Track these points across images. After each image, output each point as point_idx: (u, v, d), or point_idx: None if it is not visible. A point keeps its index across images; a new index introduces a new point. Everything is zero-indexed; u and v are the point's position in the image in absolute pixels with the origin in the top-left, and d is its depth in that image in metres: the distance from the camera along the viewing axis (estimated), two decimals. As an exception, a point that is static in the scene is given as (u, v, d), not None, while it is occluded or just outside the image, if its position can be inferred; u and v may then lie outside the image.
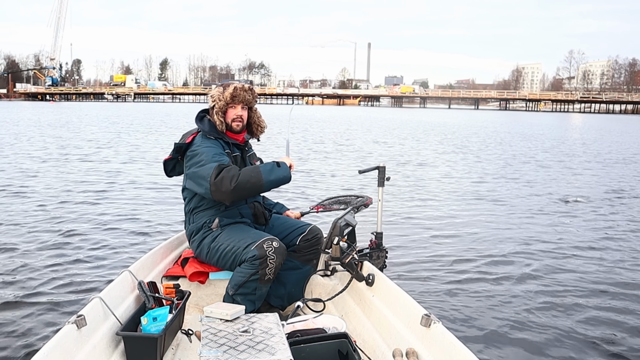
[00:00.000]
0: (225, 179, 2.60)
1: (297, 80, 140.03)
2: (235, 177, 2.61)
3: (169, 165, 2.98)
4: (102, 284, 3.87)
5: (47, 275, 4.15)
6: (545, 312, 3.58)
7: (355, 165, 11.71)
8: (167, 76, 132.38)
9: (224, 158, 2.73)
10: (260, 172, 2.68)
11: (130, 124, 27.18)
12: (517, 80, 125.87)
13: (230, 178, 2.60)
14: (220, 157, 2.72)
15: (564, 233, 5.73)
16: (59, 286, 3.92)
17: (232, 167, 2.67)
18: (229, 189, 2.60)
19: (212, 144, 2.78)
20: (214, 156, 2.70)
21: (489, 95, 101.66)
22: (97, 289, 3.72)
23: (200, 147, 2.76)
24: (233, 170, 2.65)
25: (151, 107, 64.36)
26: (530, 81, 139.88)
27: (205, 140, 2.79)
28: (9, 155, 12.35)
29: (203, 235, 2.84)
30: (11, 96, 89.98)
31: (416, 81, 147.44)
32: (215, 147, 2.77)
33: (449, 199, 7.63)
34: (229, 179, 2.60)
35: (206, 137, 2.81)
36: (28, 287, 3.90)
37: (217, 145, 2.79)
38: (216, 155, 2.71)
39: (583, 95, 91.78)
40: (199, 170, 2.69)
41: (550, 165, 12.44)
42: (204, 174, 2.65)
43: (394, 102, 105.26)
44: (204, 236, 2.84)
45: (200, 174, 2.68)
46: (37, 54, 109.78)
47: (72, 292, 3.82)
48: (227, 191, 2.61)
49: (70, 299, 3.67)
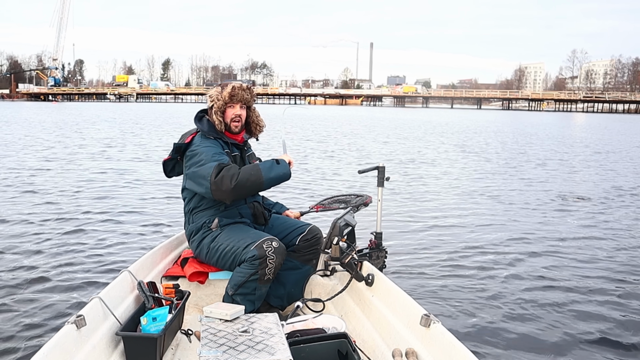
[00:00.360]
0: (225, 177, 2.60)
1: (299, 80, 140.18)
2: (235, 175, 2.61)
3: (168, 166, 2.98)
4: (101, 284, 3.87)
5: (46, 275, 4.16)
6: (545, 312, 3.57)
7: (356, 163, 11.71)
8: (170, 76, 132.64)
9: (224, 157, 2.73)
10: (259, 169, 2.69)
11: (136, 123, 27.27)
12: (519, 80, 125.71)
13: (231, 177, 2.60)
14: (220, 157, 2.72)
15: (566, 233, 5.72)
16: (58, 286, 3.93)
17: (232, 166, 2.68)
18: (229, 188, 2.60)
19: (212, 144, 2.78)
20: (214, 155, 2.70)
21: (491, 95, 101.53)
22: (96, 289, 3.72)
23: (199, 146, 2.77)
24: (233, 169, 2.65)
25: (154, 107, 64.46)
26: (533, 81, 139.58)
27: (205, 140, 2.80)
28: (12, 155, 12.38)
29: (202, 235, 2.84)
30: (14, 96, 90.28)
31: (419, 81, 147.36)
32: (215, 146, 2.78)
33: (449, 199, 7.62)
34: (229, 178, 2.60)
35: (205, 137, 2.82)
36: (27, 287, 3.91)
37: (217, 144, 2.80)
38: (216, 154, 2.72)
39: (586, 94, 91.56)
40: (199, 170, 2.69)
41: (547, 164, 12.42)
42: (204, 174, 2.66)
43: (397, 102, 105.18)
44: (204, 236, 2.84)
45: (200, 173, 2.69)
46: (39, 55, 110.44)
47: (71, 292, 3.82)
48: (227, 190, 2.61)
49: (69, 299, 3.68)
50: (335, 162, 12.21)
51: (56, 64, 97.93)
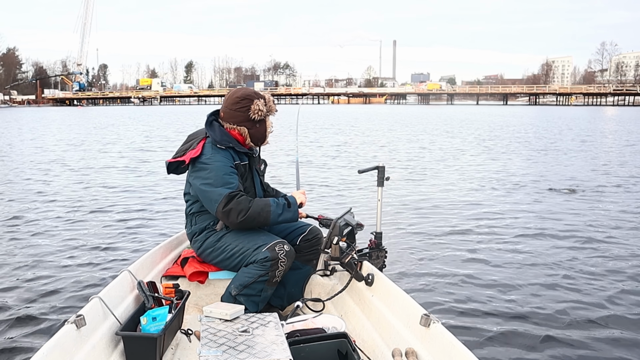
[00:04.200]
0: (233, 211, 2.63)
1: (322, 80, 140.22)
2: (243, 211, 2.63)
3: (172, 166, 2.93)
4: (101, 283, 3.90)
5: (46, 275, 4.22)
6: (544, 312, 3.48)
7: (357, 164, 11.60)
8: (193, 78, 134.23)
9: (233, 179, 2.69)
10: (269, 212, 2.70)
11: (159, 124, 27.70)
12: (547, 75, 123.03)
13: (239, 212, 2.63)
14: (230, 177, 2.68)
15: (566, 233, 5.50)
16: (58, 286, 3.97)
17: (241, 200, 2.65)
18: (235, 222, 2.65)
19: (223, 157, 2.72)
20: (224, 176, 2.67)
21: (517, 90, 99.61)
22: (96, 288, 3.75)
23: (210, 160, 2.71)
24: (243, 203, 2.65)
25: (177, 109, 65.34)
26: (561, 75, 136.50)
27: (215, 153, 2.73)
28: (17, 159, 12.72)
29: (207, 235, 2.84)
30: (40, 102, 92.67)
31: (443, 78, 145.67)
32: (226, 160, 2.72)
33: (449, 199, 7.42)
34: (236, 213, 2.63)
35: (216, 147, 2.75)
36: (27, 287, 3.96)
37: (228, 157, 2.74)
38: (226, 174, 2.68)
39: (616, 87, 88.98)
40: (208, 192, 2.67)
41: (549, 159, 12.12)
42: (213, 198, 2.66)
43: (421, 100, 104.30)
44: (208, 236, 2.83)
45: (209, 196, 2.67)
46: (64, 60, 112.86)
47: (71, 291, 3.87)
48: (233, 223, 2.67)
49: (69, 299, 3.72)
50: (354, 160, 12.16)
51: (80, 69, 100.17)
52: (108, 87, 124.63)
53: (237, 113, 2.79)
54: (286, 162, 11.41)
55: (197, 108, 72.00)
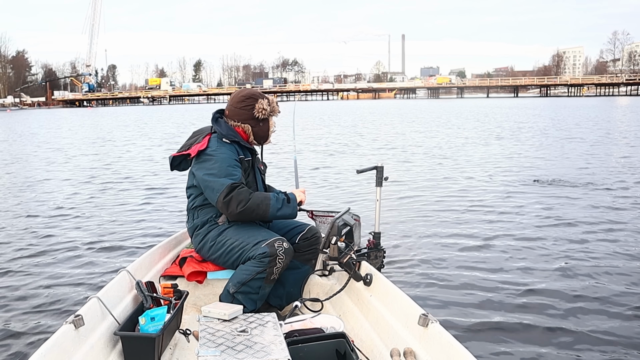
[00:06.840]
0: (233, 200, 2.67)
1: (331, 76, 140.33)
2: (244, 201, 2.67)
3: (176, 161, 2.95)
4: (100, 283, 3.91)
5: (44, 275, 4.24)
6: (544, 312, 3.44)
7: (358, 162, 11.55)
8: (201, 77, 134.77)
9: (237, 171, 2.75)
10: (269, 205, 2.73)
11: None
12: (557, 66, 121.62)
13: (239, 202, 2.67)
14: (233, 169, 2.74)
15: (566, 233, 5.38)
16: (56, 286, 4.00)
17: (243, 190, 2.70)
18: (234, 212, 2.68)
19: (228, 150, 2.79)
20: (228, 168, 2.72)
21: (528, 82, 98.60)
22: (94, 288, 3.77)
23: (216, 152, 2.77)
24: (244, 193, 2.69)
25: (187, 108, 65.61)
26: (572, 65, 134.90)
27: (221, 146, 2.80)
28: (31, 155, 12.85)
29: (209, 229, 2.84)
30: (50, 104, 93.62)
31: (453, 71, 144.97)
32: (230, 154, 2.78)
33: (448, 199, 7.31)
34: (237, 202, 2.67)
35: (222, 141, 2.82)
36: (26, 287, 3.99)
37: (232, 150, 2.80)
38: (230, 167, 2.73)
39: (629, 77, 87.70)
40: (211, 182, 2.71)
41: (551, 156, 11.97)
42: (215, 187, 2.70)
43: (431, 94, 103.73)
44: (210, 230, 2.84)
45: (211, 185, 2.72)
46: (73, 62, 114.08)
47: (69, 291, 3.88)
48: (232, 212, 2.69)
49: (67, 299, 3.74)
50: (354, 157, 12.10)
51: (89, 70, 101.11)
52: (117, 87, 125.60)
53: (242, 111, 2.89)
54: (285, 161, 11.40)
55: (207, 106, 72.26)
